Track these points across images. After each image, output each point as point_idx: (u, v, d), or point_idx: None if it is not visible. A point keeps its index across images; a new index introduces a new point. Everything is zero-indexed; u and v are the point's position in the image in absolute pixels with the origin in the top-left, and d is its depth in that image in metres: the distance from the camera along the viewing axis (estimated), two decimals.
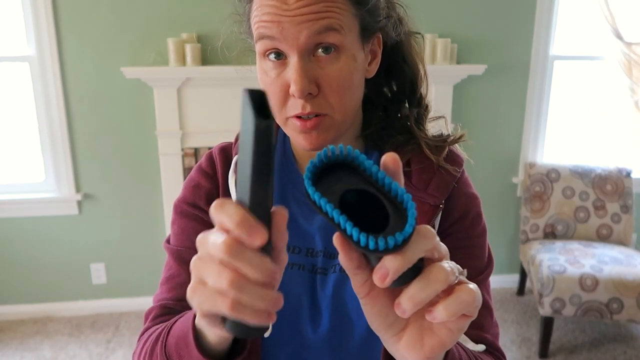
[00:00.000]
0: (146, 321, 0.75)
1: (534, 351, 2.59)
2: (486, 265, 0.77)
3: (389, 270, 0.40)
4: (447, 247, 0.56)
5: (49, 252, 2.81)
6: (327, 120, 0.64)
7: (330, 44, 0.61)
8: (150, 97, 2.61)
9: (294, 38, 0.60)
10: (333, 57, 0.62)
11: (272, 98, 0.63)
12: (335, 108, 0.64)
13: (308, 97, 0.62)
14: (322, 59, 0.62)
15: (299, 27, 0.59)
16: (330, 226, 0.48)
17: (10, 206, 2.70)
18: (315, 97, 0.63)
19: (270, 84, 0.63)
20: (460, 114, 2.89)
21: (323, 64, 0.62)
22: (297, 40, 0.60)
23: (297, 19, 0.59)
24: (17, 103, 2.67)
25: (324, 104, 0.63)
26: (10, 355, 2.56)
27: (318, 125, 0.64)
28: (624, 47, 2.80)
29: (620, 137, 3.17)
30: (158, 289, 0.78)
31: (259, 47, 0.63)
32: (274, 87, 0.63)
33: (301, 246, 0.72)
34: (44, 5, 2.45)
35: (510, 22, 2.81)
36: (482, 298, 0.68)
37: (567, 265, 2.46)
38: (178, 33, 2.51)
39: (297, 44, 0.60)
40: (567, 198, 2.83)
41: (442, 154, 0.73)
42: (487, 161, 3.03)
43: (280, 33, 0.60)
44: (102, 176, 2.73)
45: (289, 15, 0.59)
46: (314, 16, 0.59)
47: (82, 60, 2.57)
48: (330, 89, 0.63)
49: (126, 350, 2.57)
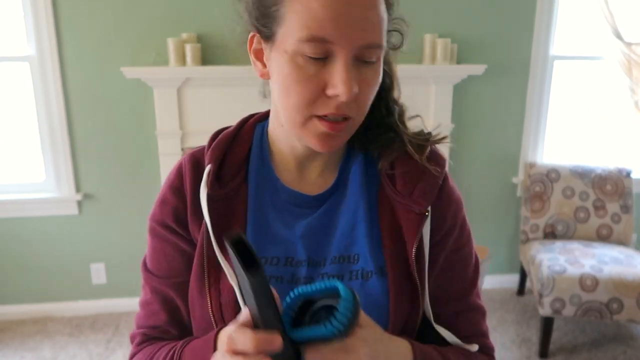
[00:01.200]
0: (132, 344, 0.78)
1: (534, 351, 2.59)
2: (474, 269, 0.77)
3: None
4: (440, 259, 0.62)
5: (49, 252, 2.81)
6: (351, 123, 0.64)
7: (376, 56, 0.62)
8: (150, 97, 2.61)
9: (351, 41, 0.58)
10: (372, 65, 0.62)
11: (301, 93, 0.61)
12: (361, 112, 0.64)
13: (349, 100, 0.60)
14: (364, 65, 0.62)
15: (361, 33, 0.58)
16: (313, 233, 0.61)
17: (10, 206, 2.70)
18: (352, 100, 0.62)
19: (303, 80, 0.60)
20: (460, 114, 2.89)
21: (364, 70, 0.62)
22: (354, 44, 0.59)
23: (359, 26, 0.58)
24: (17, 103, 2.67)
25: (354, 108, 0.63)
26: (10, 355, 2.56)
27: (343, 128, 0.63)
28: (624, 47, 2.80)
29: (620, 137, 3.17)
30: (139, 308, 0.79)
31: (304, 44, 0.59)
32: (308, 84, 0.60)
33: (280, 256, 0.69)
34: (44, 5, 2.45)
35: (510, 22, 2.81)
36: (476, 303, 0.78)
37: (567, 265, 2.46)
38: (178, 33, 2.51)
39: (351, 46, 0.59)
40: (567, 198, 2.83)
41: (425, 152, 0.73)
42: (487, 161, 3.03)
43: (338, 31, 0.58)
44: (102, 176, 2.73)
45: (351, 19, 0.57)
46: (371, 24, 0.59)
47: (82, 60, 2.57)
48: (364, 95, 0.63)
49: (126, 351, 2.57)
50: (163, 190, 0.74)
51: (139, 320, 0.78)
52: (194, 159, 0.72)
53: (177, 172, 0.73)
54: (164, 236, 0.73)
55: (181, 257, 0.72)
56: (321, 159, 0.72)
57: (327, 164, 0.73)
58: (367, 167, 0.73)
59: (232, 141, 0.73)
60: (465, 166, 3.01)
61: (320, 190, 0.72)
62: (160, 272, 0.74)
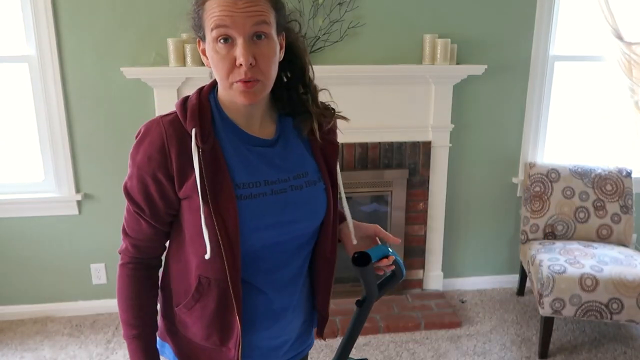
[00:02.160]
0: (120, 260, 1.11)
1: (534, 351, 2.59)
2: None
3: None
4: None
5: (49, 252, 2.81)
6: (259, 84, 0.93)
7: (263, 32, 0.91)
8: (150, 97, 2.61)
9: (242, 27, 0.89)
10: (264, 42, 0.92)
11: (222, 69, 0.91)
12: (265, 76, 0.94)
13: (249, 67, 0.90)
14: (258, 42, 0.91)
15: (245, 20, 0.88)
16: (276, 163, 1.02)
17: (10, 206, 2.70)
18: (253, 67, 0.91)
19: (220, 60, 0.91)
20: (460, 114, 2.89)
21: (258, 45, 0.91)
22: (244, 28, 0.89)
23: (244, 14, 0.88)
24: (17, 103, 2.67)
25: (258, 73, 0.92)
26: (10, 355, 2.56)
27: (254, 86, 0.93)
28: (624, 47, 2.80)
29: (621, 138, 3.17)
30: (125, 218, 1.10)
31: (214, 34, 0.90)
32: (224, 62, 0.91)
33: (259, 180, 0.99)
34: (44, 5, 2.45)
35: (510, 22, 2.81)
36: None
37: (567, 266, 2.46)
38: (178, 33, 2.51)
39: (243, 31, 0.89)
40: (567, 198, 2.83)
41: (331, 121, 1.10)
42: (487, 161, 3.03)
43: (232, 23, 0.88)
44: (102, 176, 2.73)
45: (238, 11, 0.88)
46: (254, 13, 0.89)
47: (82, 60, 2.57)
48: (263, 62, 0.92)
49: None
50: (147, 149, 0.95)
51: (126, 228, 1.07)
52: (173, 127, 0.96)
53: (160, 136, 0.95)
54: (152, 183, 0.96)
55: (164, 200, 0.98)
56: (257, 113, 1.02)
57: (263, 118, 1.04)
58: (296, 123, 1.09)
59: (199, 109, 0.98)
60: (465, 166, 3.01)
61: (267, 137, 1.03)
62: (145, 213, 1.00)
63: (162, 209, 0.99)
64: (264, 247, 1.00)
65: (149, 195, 0.97)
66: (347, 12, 2.63)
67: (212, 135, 0.96)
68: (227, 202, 0.94)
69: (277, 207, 0.99)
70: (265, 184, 0.99)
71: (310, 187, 1.04)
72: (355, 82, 2.70)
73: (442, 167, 2.93)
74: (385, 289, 1.17)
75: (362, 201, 2.98)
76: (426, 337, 2.71)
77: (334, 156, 1.10)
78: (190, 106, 0.97)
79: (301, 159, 1.06)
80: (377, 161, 2.84)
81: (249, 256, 0.98)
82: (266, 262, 1.02)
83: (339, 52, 2.67)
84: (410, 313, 2.85)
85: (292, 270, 1.06)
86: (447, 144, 2.89)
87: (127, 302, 1.09)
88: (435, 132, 2.86)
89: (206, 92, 1.01)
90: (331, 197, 1.07)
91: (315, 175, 1.06)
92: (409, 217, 2.96)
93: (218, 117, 1.00)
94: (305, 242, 1.07)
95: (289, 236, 1.02)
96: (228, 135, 0.99)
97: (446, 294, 3.13)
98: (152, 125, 0.96)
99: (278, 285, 1.05)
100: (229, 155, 0.97)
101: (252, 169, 0.99)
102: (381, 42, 2.71)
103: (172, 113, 0.99)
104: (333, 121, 1.10)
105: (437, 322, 2.79)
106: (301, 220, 1.03)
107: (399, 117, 2.80)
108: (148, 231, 1.02)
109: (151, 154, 0.94)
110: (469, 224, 3.12)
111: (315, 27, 2.62)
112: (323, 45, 2.64)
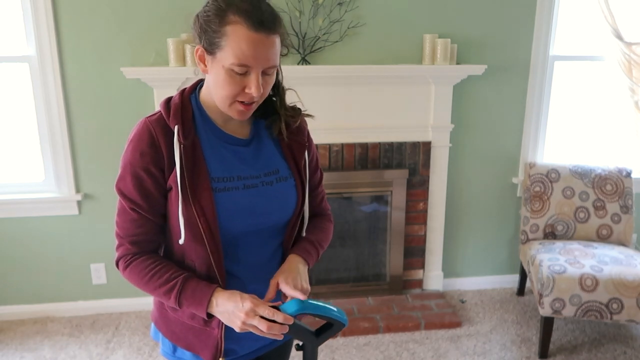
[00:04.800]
0: (118, 268, 1.11)
1: (534, 351, 2.59)
2: (321, 173, 1.31)
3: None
4: (311, 167, 1.24)
5: (49, 252, 2.81)
6: (255, 104, 1.05)
7: (274, 67, 1.02)
8: (150, 97, 2.61)
9: (261, 65, 0.99)
10: (272, 72, 1.04)
11: (229, 90, 1.00)
12: (262, 98, 1.06)
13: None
14: (266, 75, 1.02)
15: (266, 61, 0.99)
16: (249, 161, 1.12)
17: (10, 206, 2.70)
18: None
19: (230, 83, 1.00)
20: (460, 114, 2.89)
21: (266, 77, 1.03)
22: (262, 66, 1.00)
23: (265, 55, 0.99)
24: (17, 103, 2.67)
25: (259, 97, 1.04)
26: (10, 355, 2.56)
27: (253, 107, 1.05)
28: (624, 47, 2.81)
29: (620, 137, 3.17)
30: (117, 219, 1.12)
31: (234, 66, 0.98)
32: (233, 86, 1.00)
33: (233, 175, 1.09)
34: (44, 5, 2.45)
35: (510, 22, 2.81)
36: (324, 192, 1.33)
37: (567, 266, 2.46)
38: (178, 33, 2.51)
39: (261, 68, 1.00)
40: (567, 198, 2.84)
41: (297, 120, 1.19)
42: (487, 161, 3.03)
43: (255, 62, 0.98)
44: (102, 176, 2.73)
45: (262, 51, 0.98)
46: (273, 54, 1.00)
47: (82, 60, 2.57)
48: (266, 90, 1.04)
49: (126, 351, 2.57)
50: (137, 146, 1.03)
51: (120, 231, 1.09)
52: (160, 125, 1.04)
53: (149, 133, 1.03)
54: (147, 177, 1.03)
55: (158, 191, 1.06)
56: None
57: (241, 121, 1.14)
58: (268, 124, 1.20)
59: (181, 108, 1.07)
60: (465, 166, 3.01)
61: (243, 137, 1.13)
62: (142, 207, 1.05)
63: (159, 200, 1.06)
64: (239, 235, 1.10)
65: (145, 190, 1.04)
66: (347, 12, 2.63)
67: (192, 133, 1.06)
68: (204, 193, 1.04)
69: (248, 200, 1.09)
70: (238, 179, 1.09)
71: (281, 183, 1.15)
72: (355, 82, 2.70)
73: (442, 167, 2.93)
74: (325, 337, 1.09)
75: (362, 201, 2.98)
76: (426, 337, 2.71)
77: (301, 155, 1.19)
78: (173, 105, 1.06)
79: (272, 158, 1.16)
80: (377, 161, 2.84)
81: (226, 243, 1.08)
82: (241, 250, 1.12)
83: (338, 52, 2.67)
84: (410, 313, 2.85)
85: (263, 257, 1.16)
86: (447, 144, 2.89)
87: (149, 276, 1.07)
88: (435, 132, 2.86)
89: (188, 92, 1.11)
90: (301, 192, 1.18)
91: (286, 172, 1.17)
92: (409, 217, 2.97)
93: (199, 116, 1.09)
94: (277, 232, 1.17)
95: (261, 227, 1.12)
96: (207, 133, 1.09)
97: (446, 294, 3.13)
98: (140, 125, 1.05)
99: (251, 271, 1.14)
100: (207, 152, 1.08)
101: (227, 165, 1.09)
102: (381, 42, 2.71)
103: (157, 113, 1.07)
104: (299, 120, 1.19)
105: (437, 322, 2.79)
106: (272, 212, 1.13)
107: (399, 117, 2.80)
108: (145, 226, 1.07)
109: (143, 150, 1.02)
110: (469, 224, 3.12)
111: (315, 27, 2.62)
112: (323, 45, 2.64)
